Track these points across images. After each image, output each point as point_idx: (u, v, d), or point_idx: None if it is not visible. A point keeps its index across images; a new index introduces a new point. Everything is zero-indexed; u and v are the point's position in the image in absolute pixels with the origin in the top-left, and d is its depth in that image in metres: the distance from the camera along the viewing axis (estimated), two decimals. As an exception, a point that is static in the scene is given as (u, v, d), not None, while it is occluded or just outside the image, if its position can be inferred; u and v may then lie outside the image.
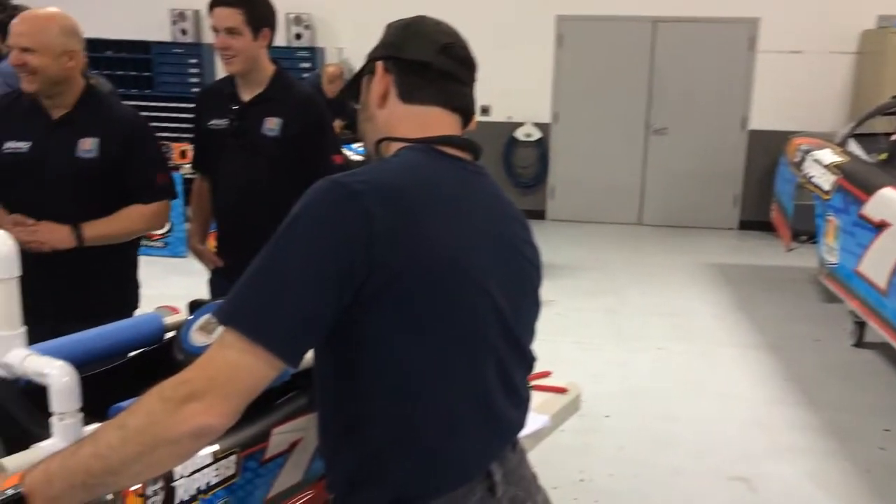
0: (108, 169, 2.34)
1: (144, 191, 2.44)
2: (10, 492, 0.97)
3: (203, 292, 1.87)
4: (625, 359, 4.54)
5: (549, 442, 2.01)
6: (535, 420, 1.98)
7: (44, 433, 1.13)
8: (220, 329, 1.01)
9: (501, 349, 1.15)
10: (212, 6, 2.57)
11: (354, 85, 1.31)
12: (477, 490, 1.15)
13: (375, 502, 1.11)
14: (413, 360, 1.06)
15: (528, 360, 1.26)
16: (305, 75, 7.66)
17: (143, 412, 0.97)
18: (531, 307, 1.26)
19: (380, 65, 1.23)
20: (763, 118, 7.78)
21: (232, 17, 2.52)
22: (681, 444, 3.51)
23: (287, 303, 0.99)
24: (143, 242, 6.83)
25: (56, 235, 2.25)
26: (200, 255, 2.87)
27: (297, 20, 8.17)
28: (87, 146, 2.32)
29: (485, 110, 8.03)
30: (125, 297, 2.56)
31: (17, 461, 1.06)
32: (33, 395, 1.22)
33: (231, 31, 2.52)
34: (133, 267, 2.61)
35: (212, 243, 2.91)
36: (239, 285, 1.01)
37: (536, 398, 2.09)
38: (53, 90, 2.29)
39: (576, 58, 8.00)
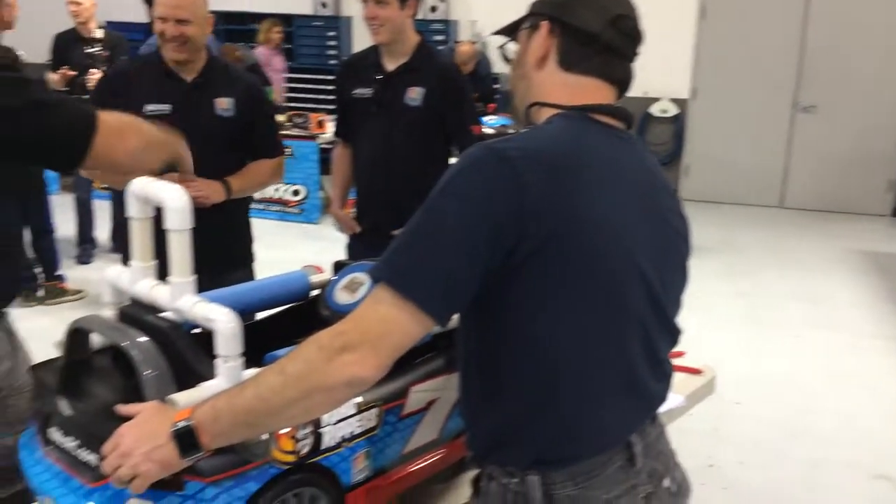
0: (241, 126, 2.51)
1: (269, 147, 2.62)
2: (181, 424, 1.06)
3: (333, 257, 1.96)
4: (760, 344, 4.36)
5: (677, 424, 1.97)
6: (670, 399, 1.95)
7: (209, 374, 1.22)
8: (364, 288, 1.05)
9: (647, 320, 1.14)
10: None
11: (512, 31, 1.28)
12: (616, 460, 1.15)
13: (514, 463, 1.14)
14: (557, 326, 1.07)
15: (674, 332, 1.24)
16: (440, 48, 7.72)
17: (301, 360, 1.03)
18: (678, 279, 1.24)
19: (545, 25, 1.19)
20: (927, 97, 7.17)
21: None
22: (819, 436, 3.35)
23: (438, 264, 1.01)
24: (281, 209, 7.13)
25: (213, 189, 2.39)
26: (340, 220, 2.99)
27: (434, -7, 8.24)
28: (224, 105, 2.48)
29: (619, 84, 7.83)
30: (246, 250, 2.73)
31: (186, 397, 1.16)
32: (199, 339, 1.32)
33: (379, 1, 2.59)
34: (249, 222, 2.77)
35: (347, 209, 3.03)
36: (394, 245, 1.04)
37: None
38: (194, 56, 2.45)
39: (720, 30, 7.63)
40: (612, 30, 1.17)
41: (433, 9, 8.32)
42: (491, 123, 5.90)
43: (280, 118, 6.77)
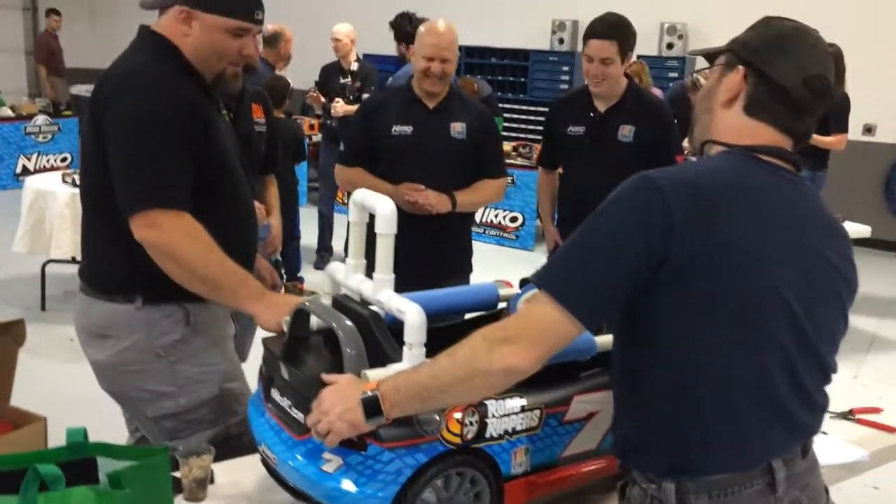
0: (471, 148, 2.84)
1: (494, 168, 2.93)
2: (369, 393, 1.29)
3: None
4: None
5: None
6: (851, 452, 1.89)
7: (397, 357, 1.44)
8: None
9: (791, 350, 1.19)
10: (587, 37, 2.92)
11: (713, 58, 1.35)
12: (755, 482, 1.20)
13: (651, 467, 1.23)
14: (692, 341, 1.16)
15: (826, 368, 1.26)
16: (671, 84, 7.64)
17: (468, 347, 1.21)
18: (834, 318, 1.26)
19: (741, 70, 1.26)
20: None
21: (608, 48, 2.87)
22: None
23: (590, 274, 1.16)
24: (498, 233, 7.41)
25: (440, 200, 2.75)
26: (550, 235, 3.34)
27: (671, 30, 8.19)
28: (458, 129, 2.83)
29: (868, 129, 7.28)
30: (465, 261, 3.02)
31: (375, 373, 1.38)
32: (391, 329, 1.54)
33: (605, 62, 2.88)
34: (470, 237, 3.08)
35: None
36: (555, 255, 1.21)
37: (858, 431, 1.99)
38: (444, 88, 2.83)
39: None
40: (804, 88, 1.22)
41: (669, 46, 8.27)
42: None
43: (506, 147, 7.09)
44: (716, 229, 1.14)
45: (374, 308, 1.55)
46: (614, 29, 2.91)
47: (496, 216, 7.11)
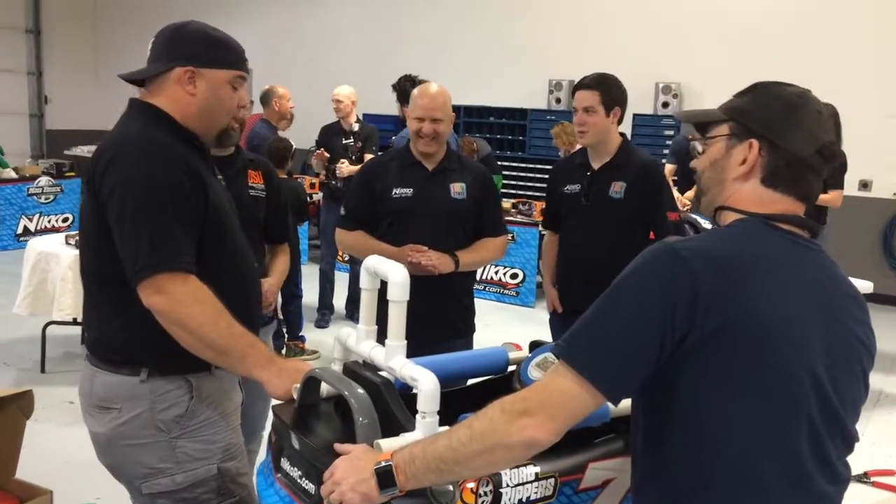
0: (471, 208, 2.87)
1: (494, 226, 2.96)
2: (383, 463, 1.27)
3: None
4: None
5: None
6: (869, 518, 1.86)
7: (409, 426, 1.42)
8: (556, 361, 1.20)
9: (816, 420, 1.18)
10: (574, 90, 3.09)
11: (703, 126, 1.34)
12: None
13: (677, 543, 1.21)
14: (717, 413, 1.15)
15: (848, 438, 1.25)
16: (674, 138, 7.71)
17: (487, 419, 1.19)
18: (856, 386, 1.25)
19: (755, 143, 1.25)
20: None
21: (590, 98, 2.98)
22: None
23: (614, 347, 1.15)
24: (499, 290, 7.37)
25: (443, 260, 2.76)
26: (549, 296, 3.34)
27: (666, 89, 8.33)
28: (458, 189, 2.87)
29: (865, 185, 7.35)
30: (468, 321, 3.00)
31: (389, 443, 1.36)
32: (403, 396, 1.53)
33: (587, 110, 2.98)
34: (472, 296, 3.08)
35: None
36: (576, 326, 1.20)
37: (875, 496, 1.96)
38: (439, 149, 2.87)
39: None
40: (817, 156, 1.23)
41: (665, 105, 8.40)
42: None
43: (505, 205, 7.14)
44: (741, 301, 1.14)
45: (385, 375, 1.54)
46: (597, 81, 3.03)
47: (496, 273, 7.11)
